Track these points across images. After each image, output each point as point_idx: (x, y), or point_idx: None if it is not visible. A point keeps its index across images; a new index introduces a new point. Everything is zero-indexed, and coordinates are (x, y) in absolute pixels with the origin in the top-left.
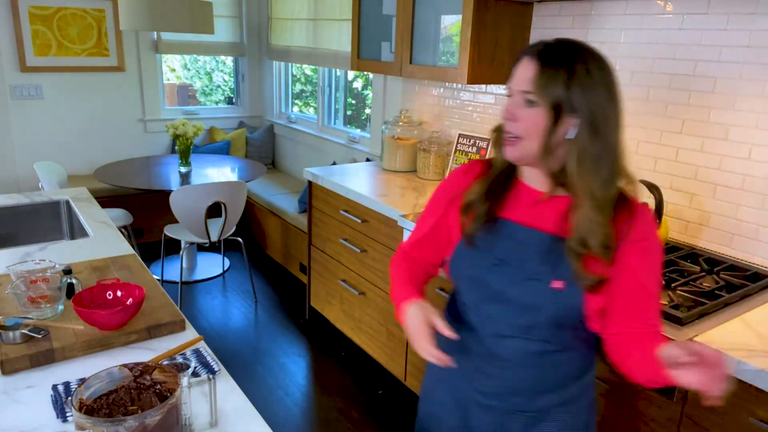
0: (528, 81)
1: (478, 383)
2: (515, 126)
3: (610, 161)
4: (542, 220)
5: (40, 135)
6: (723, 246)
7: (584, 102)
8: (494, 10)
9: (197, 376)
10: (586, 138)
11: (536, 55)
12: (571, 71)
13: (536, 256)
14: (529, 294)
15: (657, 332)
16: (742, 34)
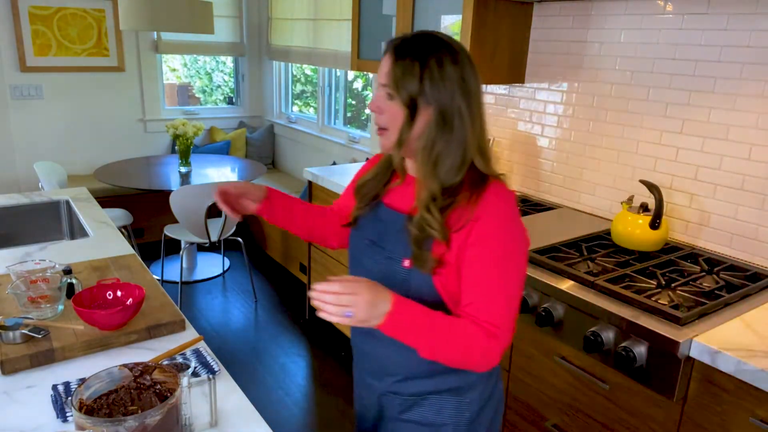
0: (385, 75)
1: (365, 362)
2: (381, 118)
3: (456, 154)
4: (406, 201)
5: (40, 135)
6: (723, 246)
7: (436, 95)
8: (494, 10)
9: (197, 376)
10: (435, 130)
11: (392, 50)
12: (424, 65)
13: (394, 236)
14: (387, 272)
15: (485, 321)
16: (742, 34)
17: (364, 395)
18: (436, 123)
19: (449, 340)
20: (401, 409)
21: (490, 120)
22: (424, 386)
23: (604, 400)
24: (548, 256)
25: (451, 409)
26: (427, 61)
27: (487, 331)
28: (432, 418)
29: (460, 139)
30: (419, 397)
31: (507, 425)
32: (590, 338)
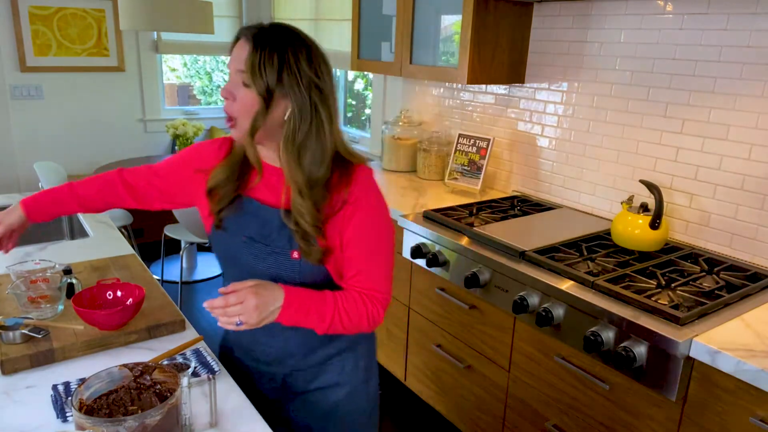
0: (242, 61)
1: (258, 353)
2: (232, 106)
3: (317, 147)
4: (276, 194)
5: (40, 135)
6: (723, 246)
7: (293, 87)
8: (494, 10)
9: (197, 376)
10: (294, 124)
11: (251, 37)
12: (283, 56)
13: (275, 230)
14: (274, 266)
15: (369, 289)
16: (742, 34)
17: (263, 382)
18: (295, 115)
19: (341, 315)
20: (307, 381)
21: (490, 120)
22: (324, 354)
23: (604, 400)
24: (548, 256)
25: (351, 365)
26: (286, 53)
27: (372, 297)
28: (336, 379)
29: (319, 130)
30: (322, 364)
31: (507, 425)
32: (590, 338)
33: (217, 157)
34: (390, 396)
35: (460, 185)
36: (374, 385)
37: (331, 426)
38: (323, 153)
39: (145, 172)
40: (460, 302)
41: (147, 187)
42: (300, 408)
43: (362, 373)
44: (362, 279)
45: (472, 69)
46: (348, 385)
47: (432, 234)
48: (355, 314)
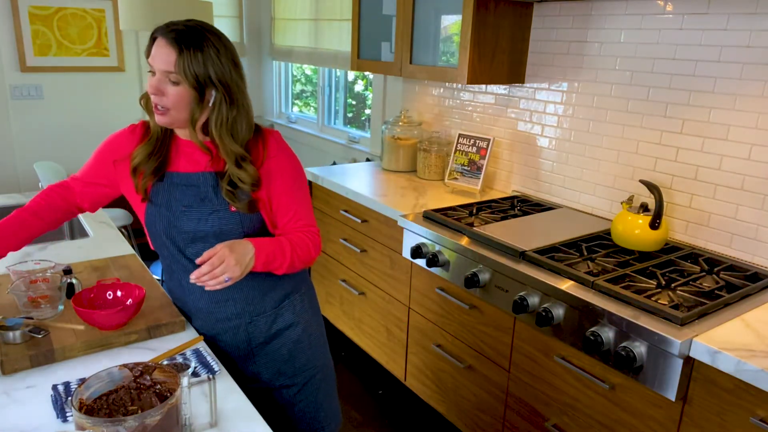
0: (170, 63)
1: (218, 314)
2: (163, 99)
3: (244, 122)
4: (199, 164)
5: (40, 135)
6: (723, 246)
7: (219, 77)
8: (494, 10)
9: (197, 376)
10: (224, 107)
11: (173, 40)
12: (204, 53)
13: (210, 191)
14: (217, 223)
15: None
16: (742, 34)
17: (227, 339)
18: (225, 101)
19: (296, 252)
20: (268, 325)
21: (490, 120)
22: (276, 296)
23: (604, 400)
24: (548, 256)
25: (300, 304)
26: (207, 49)
27: (309, 231)
28: (292, 319)
29: (245, 108)
30: (277, 308)
31: (507, 425)
32: (590, 338)
33: (131, 141)
34: (390, 396)
35: (460, 185)
36: (320, 318)
37: (297, 361)
38: (249, 123)
39: (73, 183)
40: (460, 302)
41: (84, 193)
42: (266, 357)
43: (309, 308)
44: (297, 219)
45: (472, 69)
46: (302, 321)
47: (432, 234)
48: (305, 248)
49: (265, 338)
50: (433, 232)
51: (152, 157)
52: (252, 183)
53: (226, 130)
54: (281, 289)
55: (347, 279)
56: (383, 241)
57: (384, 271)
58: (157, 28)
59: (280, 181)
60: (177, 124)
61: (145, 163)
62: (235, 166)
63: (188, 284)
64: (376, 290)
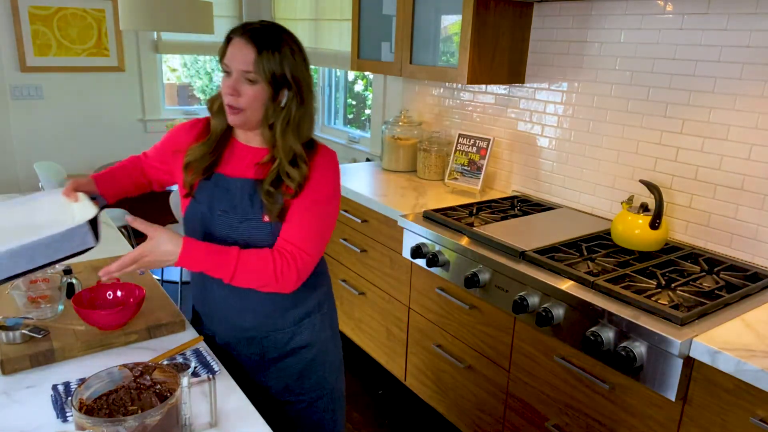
0: (249, 63)
1: (235, 321)
2: (239, 100)
3: (308, 122)
4: (248, 169)
5: (40, 135)
6: (723, 246)
7: (293, 76)
8: (494, 10)
9: (197, 376)
10: (294, 106)
11: (251, 40)
12: (282, 52)
13: (246, 199)
14: (247, 233)
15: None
16: (742, 34)
17: (241, 348)
18: (296, 100)
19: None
20: (284, 343)
21: (490, 120)
22: (297, 314)
23: (604, 400)
24: (548, 256)
25: (319, 324)
26: (284, 50)
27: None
28: (308, 339)
29: (312, 108)
30: (296, 325)
31: (507, 425)
32: (590, 338)
33: (189, 135)
34: (390, 396)
35: (460, 185)
36: (339, 339)
37: (307, 381)
38: (312, 123)
39: (144, 159)
40: (460, 302)
41: (150, 170)
42: (277, 371)
43: (329, 330)
44: (288, 237)
45: (472, 69)
46: (319, 342)
47: (432, 234)
48: (259, 270)
49: (279, 354)
50: (433, 232)
51: (206, 156)
52: (298, 183)
53: (292, 129)
54: (303, 307)
55: (347, 279)
56: (383, 241)
57: (384, 271)
58: (233, 29)
59: (303, 195)
60: (249, 125)
61: (198, 161)
62: (289, 163)
63: (211, 287)
64: (376, 290)
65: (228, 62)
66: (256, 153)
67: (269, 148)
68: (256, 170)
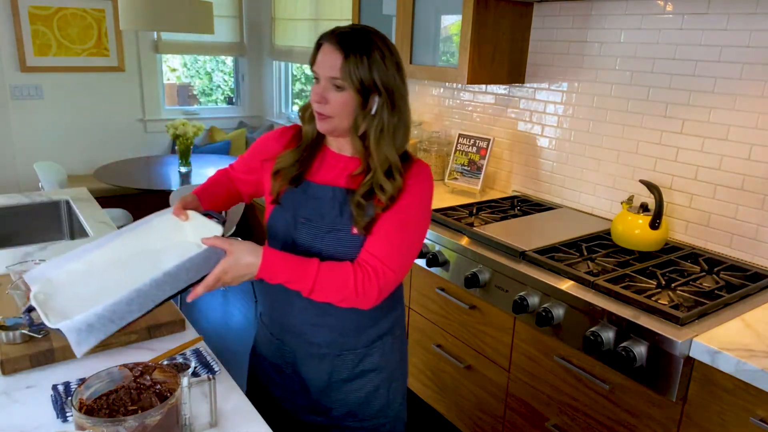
0: (335, 69)
1: (309, 336)
2: (326, 107)
3: (403, 131)
4: (339, 178)
5: (40, 135)
6: (723, 246)
7: (383, 83)
8: (494, 10)
9: (197, 376)
10: (386, 114)
11: (338, 45)
12: (371, 57)
13: (336, 209)
14: (333, 244)
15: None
16: (742, 34)
17: (312, 365)
18: (387, 107)
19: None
20: (355, 364)
21: (490, 120)
22: (372, 334)
23: (604, 400)
24: (548, 256)
25: (389, 348)
26: (373, 55)
27: (365, 264)
28: (378, 362)
29: (406, 115)
30: (369, 347)
31: (507, 425)
32: (590, 338)
33: (279, 143)
34: None
35: (460, 185)
36: (406, 366)
37: (371, 406)
38: (407, 132)
39: (232, 171)
40: (460, 302)
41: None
42: (342, 394)
43: (398, 354)
44: (372, 251)
45: (472, 69)
46: (388, 367)
47: (432, 234)
48: (339, 283)
49: (348, 376)
50: (433, 231)
51: (297, 163)
52: (390, 196)
53: (387, 138)
54: (378, 328)
55: None
56: None
57: None
58: (323, 35)
59: (397, 208)
60: (338, 132)
61: (288, 168)
62: (384, 174)
63: (290, 298)
64: None
65: (316, 69)
66: (347, 162)
67: (361, 158)
68: (347, 180)
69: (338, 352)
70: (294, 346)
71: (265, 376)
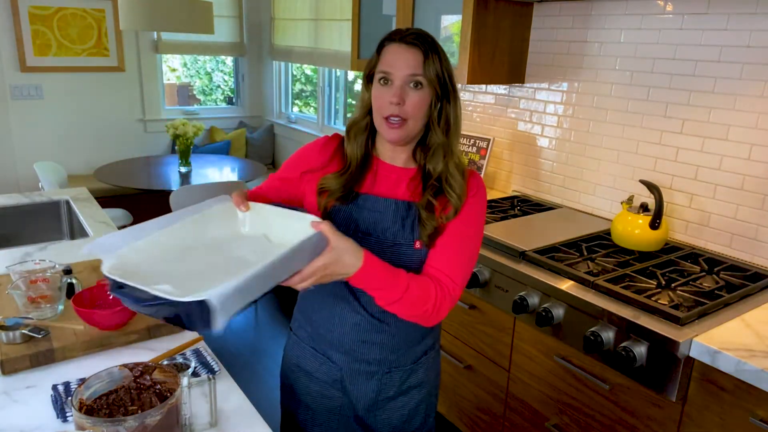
0: (416, 65)
1: (359, 354)
2: (403, 109)
3: (460, 122)
4: (396, 190)
5: (40, 135)
6: (723, 246)
7: (449, 77)
8: (494, 10)
9: (197, 376)
10: (451, 106)
11: (415, 42)
12: (440, 54)
13: (396, 224)
14: (395, 258)
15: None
16: (742, 34)
17: (356, 384)
18: (452, 100)
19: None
20: (402, 380)
21: (490, 120)
22: (420, 350)
23: (604, 400)
24: (548, 256)
25: (431, 364)
26: (441, 53)
27: (441, 282)
28: (422, 377)
29: (460, 109)
30: (416, 362)
31: (507, 425)
32: (590, 338)
33: (322, 155)
34: None
35: None
36: (439, 380)
37: (413, 423)
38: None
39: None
40: (460, 302)
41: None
42: (388, 412)
43: (436, 368)
44: (441, 267)
45: (472, 69)
46: (428, 383)
47: None
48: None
49: (395, 393)
50: None
51: (344, 187)
52: (458, 197)
53: (454, 129)
54: (424, 344)
55: None
56: None
57: None
58: (386, 37)
59: (458, 221)
60: (409, 137)
61: (336, 190)
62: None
63: (342, 312)
64: None
65: (388, 69)
66: (401, 173)
67: (417, 166)
68: (405, 191)
69: (387, 369)
70: (342, 364)
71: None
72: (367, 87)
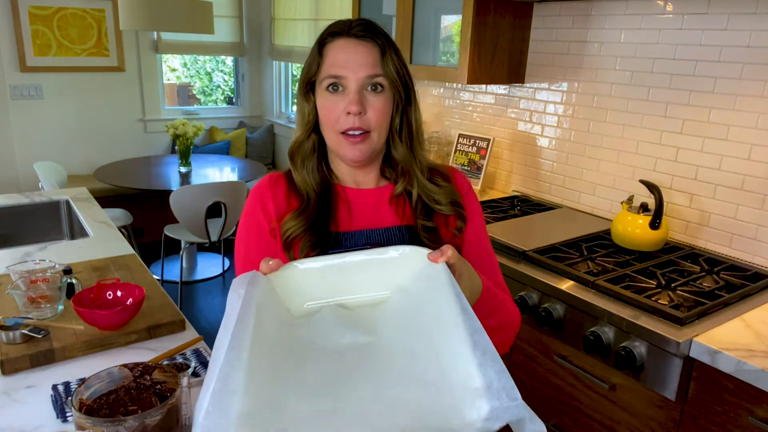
0: (373, 65)
1: None
2: (365, 119)
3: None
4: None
5: (40, 135)
6: (723, 246)
7: (408, 75)
8: (494, 10)
9: (197, 376)
10: (411, 110)
11: (367, 36)
12: (395, 47)
13: None
14: None
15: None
16: (742, 34)
17: None
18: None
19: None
20: None
21: (490, 120)
22: None
23: (604, 400)
24: (548, 256)
25: None
26: (395, 45)
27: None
28: None
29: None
30: None
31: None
32: (590, 338)
33: (274, 194)
34: None
35: None
36: None
37: None
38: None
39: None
40: None
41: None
42: None
43: None
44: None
45: (472, 69)
46: None
47: None
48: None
49: None
50: None
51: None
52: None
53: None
54: None
55: None
56: None
57: None
58: (327, 31)
59: (476, 223)
60: (374, 153)
61: (302, 231)
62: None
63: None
64: None
65: (338, 71)
66: (378, 194)
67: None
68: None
69: None
70: None
71: None
72: (306, 98)
